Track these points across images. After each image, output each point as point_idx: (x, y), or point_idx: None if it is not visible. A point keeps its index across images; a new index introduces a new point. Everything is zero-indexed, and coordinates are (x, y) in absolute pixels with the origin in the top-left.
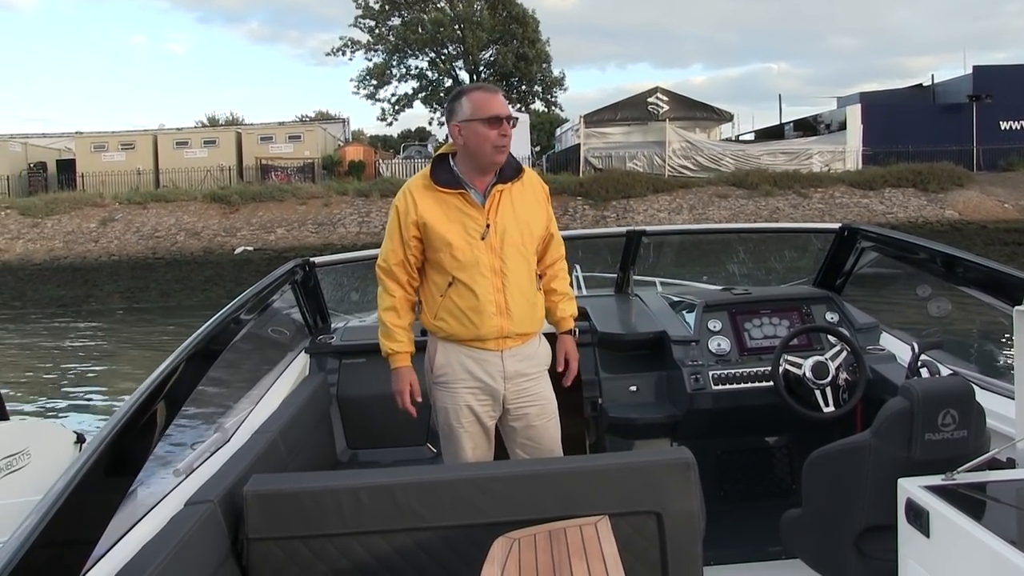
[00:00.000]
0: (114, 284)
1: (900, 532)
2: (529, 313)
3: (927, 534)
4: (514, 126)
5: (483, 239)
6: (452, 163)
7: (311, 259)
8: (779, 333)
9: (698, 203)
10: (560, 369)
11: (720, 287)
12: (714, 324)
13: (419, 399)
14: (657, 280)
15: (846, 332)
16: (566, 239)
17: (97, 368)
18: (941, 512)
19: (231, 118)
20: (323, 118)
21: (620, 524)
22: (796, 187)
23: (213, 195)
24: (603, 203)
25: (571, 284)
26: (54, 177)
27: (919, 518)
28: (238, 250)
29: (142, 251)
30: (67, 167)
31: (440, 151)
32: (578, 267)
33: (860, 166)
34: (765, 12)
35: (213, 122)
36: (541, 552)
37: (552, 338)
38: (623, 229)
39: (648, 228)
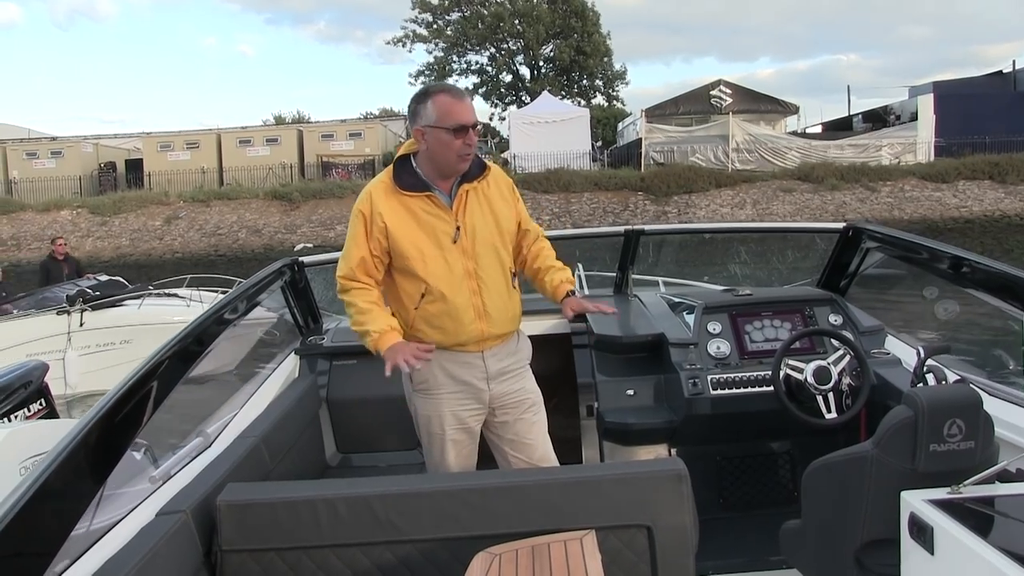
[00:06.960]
0: None
1: (903, 548)
2: (507, 313)
3: (931, 551)
4: (479, 131)
5: (455, 243)
6: (414, 164)
7: (300, 259)
8: (780, 336)
9: (762, 198)
10: (571, 316)
11: (723, 288)
12: (714, 326)
13: (429, 355)
14: (660, 280)
15: (849, 335)
16: (565, 239)
17: None
18: (946, 528)
19: (297, 116)
20: (386, 115)
21: (608, 538)
22: (864, 181)
23: (274, 193)
24: (664, 198)
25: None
26: (123, 176)
27: (923, 534)
28: (298, 247)
29: (204, 248)
30: (135, 166)
31: (401, 151)
32: (580, 266)
33: (932, 158)
34: (834, 3)
35: (280, 121)
36: (522, 569)
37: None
38: (621, 228)
39: (647, 227)
